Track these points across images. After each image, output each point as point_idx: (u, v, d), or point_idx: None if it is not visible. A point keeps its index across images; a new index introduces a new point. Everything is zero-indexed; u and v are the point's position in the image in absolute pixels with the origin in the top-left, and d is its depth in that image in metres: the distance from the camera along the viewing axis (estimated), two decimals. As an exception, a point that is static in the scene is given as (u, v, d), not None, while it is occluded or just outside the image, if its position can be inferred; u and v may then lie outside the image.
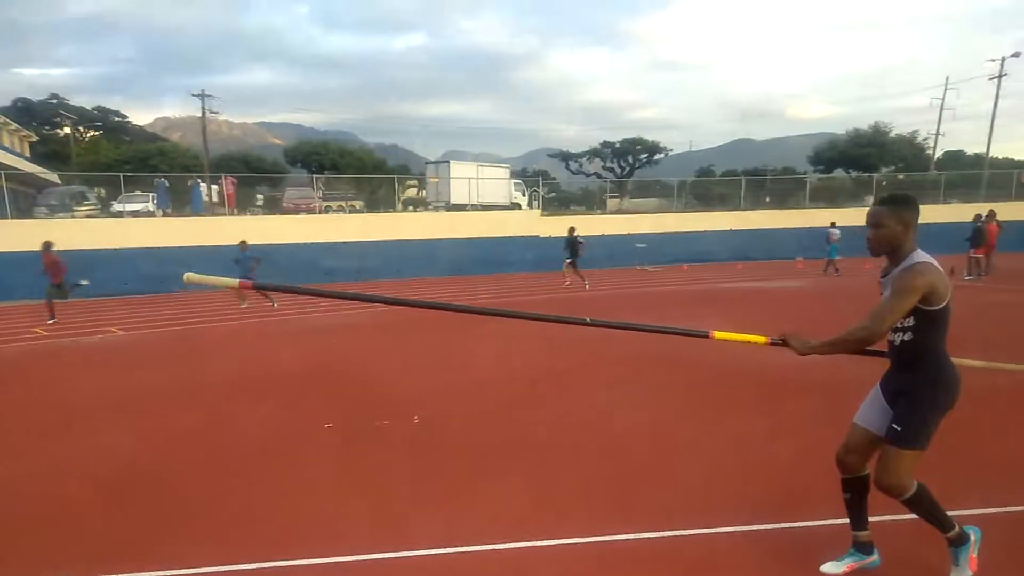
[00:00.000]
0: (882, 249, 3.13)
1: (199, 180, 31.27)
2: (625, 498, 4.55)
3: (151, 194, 27.54)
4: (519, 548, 3.84)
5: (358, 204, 33.33)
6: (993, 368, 4.20)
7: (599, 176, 60.24)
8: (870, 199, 34.93)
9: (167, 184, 29.23)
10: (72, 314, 15.83)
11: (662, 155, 64.80)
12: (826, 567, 3.39)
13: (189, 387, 8.34)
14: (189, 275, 3.55)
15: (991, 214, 18.99)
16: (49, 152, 51.54)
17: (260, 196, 34.14)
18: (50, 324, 14.12)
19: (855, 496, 3.38)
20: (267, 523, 4.32)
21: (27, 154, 47.49)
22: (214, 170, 40.69)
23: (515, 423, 6.40)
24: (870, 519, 3.42)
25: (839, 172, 52.45)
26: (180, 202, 30.32)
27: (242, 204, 29.57)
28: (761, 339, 3.58)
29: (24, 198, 27.91)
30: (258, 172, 41.63)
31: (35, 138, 51.74)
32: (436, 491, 4.74)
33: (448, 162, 35.76)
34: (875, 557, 3.41)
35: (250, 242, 22.97)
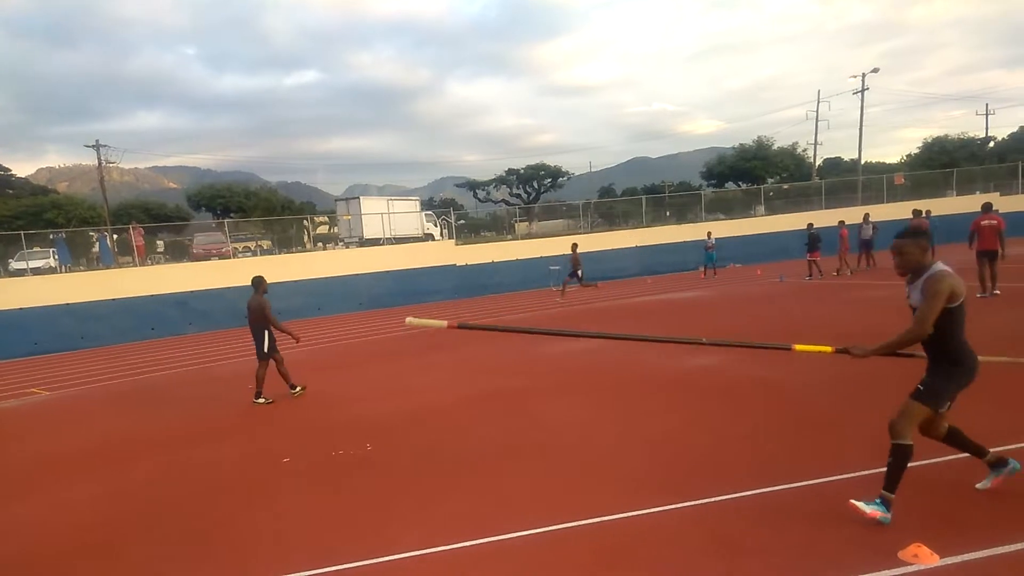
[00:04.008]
0: (908, 270, 4.11)
1: (103, 232, 30.33)
2: (577, 491, 5.25)
3: (51, 250, 26.60)
4: (484, 544, 4.45)
5: (266, 244, 33.15)
6: (1002, 362, 5.24)
7: (507, 203, 61.63)
8: (760, 208, 37.53)
9: (63, 236, 28.37)
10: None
11: (565, 178, 67.03)
12: (979, 485, 4.33)
13: (140, 436, 8.54)
14: (410, 319, 4.61)
15: (840, 222, 22.01)
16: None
17: (160, 243, 33.42)
18: None
19: (958, 445, 4.28)
20: (261, 547, 4.79)
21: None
22: (114, 220, 39.36)
23: (467, 439, 7.02)
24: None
25: (730, 185, 55.77)
26: (79, 255, 29.35)
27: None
28: (828, 348, 4.45)
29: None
30: (161, 219, 40.58)
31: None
32: (404, 503, 5.31)
33: (358, 198, 36.05)
34: (1013, 464, 4.25)
35: (164, 291, 22.72)
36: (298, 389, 9.97)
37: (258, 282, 9.93)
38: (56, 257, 26.31)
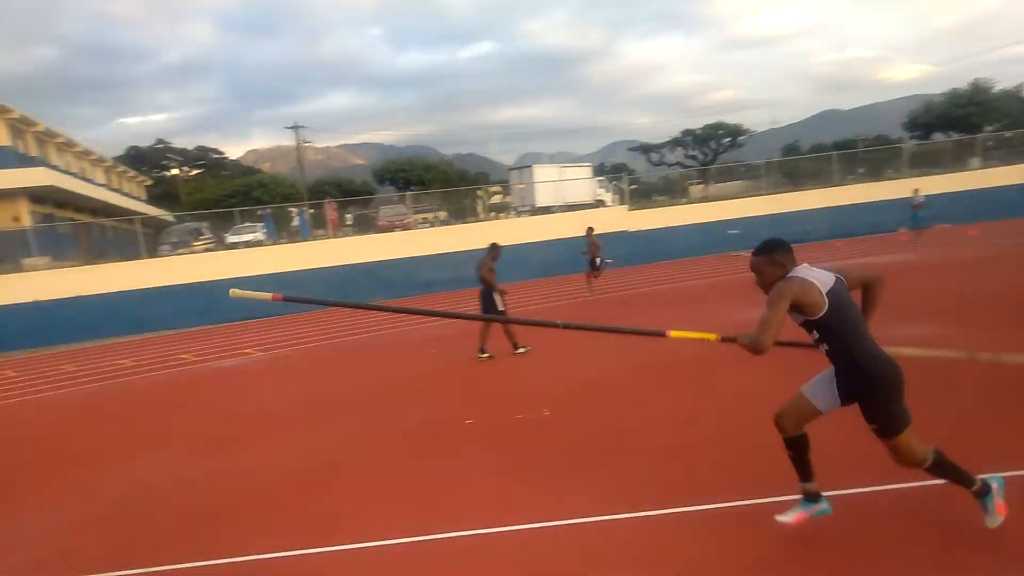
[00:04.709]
0: (768, 290, 3.53)
1: (302, 208, 33.23)
2: (765, 466, 4.93)
3: (259, 224, 29.53)
4: (665, 514, 4.34)
5: (442, 215, 34.48)
6: (928, 355, 4.41)
7: (682, 165, 59.67)
8: (975, 162, 33.25)
9: (270, 212, 31.39)
10: (210, 341, 17.40)
11: (745, 137, 63.59)
12: (780, 517, 3.70)
13: (342, 394, 9.33)
14: (234, 291, 4.27)
15: None
16: (161, 193, 55.81)
17: (349, 216, 35.87)
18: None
19: (796, 452, 3.71)
20: (448, 502, 5.00)
21: (144, 197, 51.74)
22: (310, 196, 42.96)
23: (643, 408, 6.89)
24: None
25: (938, 136, 49.97)
26: (281, 229, 32.36)
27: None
28: (712, 336, 3.79)
29: (148, 238, 30.48)
30: (351, 195, 43.70)
31: (149, 182, 56.22)
32: (582, 470, 5.31)
33: (531, 167, 36.25)
34: (824, 505, 3.71)
35: (352, 261, 24.42)
36: (486, 355, 10.24)
37: (491, 246, 10.56)
38: (264, 231, 29.21)
